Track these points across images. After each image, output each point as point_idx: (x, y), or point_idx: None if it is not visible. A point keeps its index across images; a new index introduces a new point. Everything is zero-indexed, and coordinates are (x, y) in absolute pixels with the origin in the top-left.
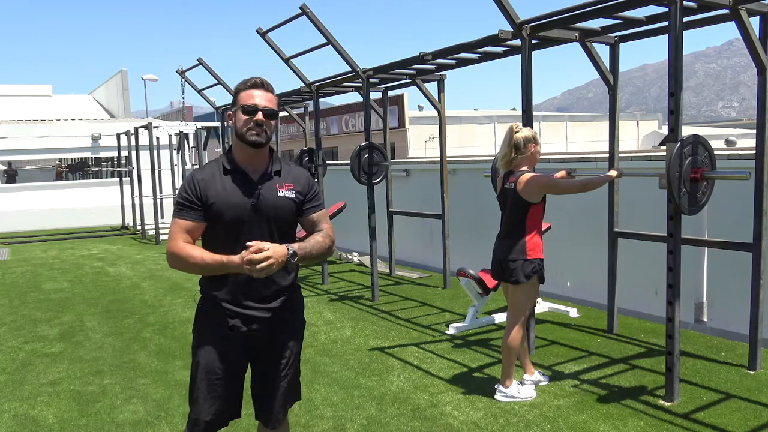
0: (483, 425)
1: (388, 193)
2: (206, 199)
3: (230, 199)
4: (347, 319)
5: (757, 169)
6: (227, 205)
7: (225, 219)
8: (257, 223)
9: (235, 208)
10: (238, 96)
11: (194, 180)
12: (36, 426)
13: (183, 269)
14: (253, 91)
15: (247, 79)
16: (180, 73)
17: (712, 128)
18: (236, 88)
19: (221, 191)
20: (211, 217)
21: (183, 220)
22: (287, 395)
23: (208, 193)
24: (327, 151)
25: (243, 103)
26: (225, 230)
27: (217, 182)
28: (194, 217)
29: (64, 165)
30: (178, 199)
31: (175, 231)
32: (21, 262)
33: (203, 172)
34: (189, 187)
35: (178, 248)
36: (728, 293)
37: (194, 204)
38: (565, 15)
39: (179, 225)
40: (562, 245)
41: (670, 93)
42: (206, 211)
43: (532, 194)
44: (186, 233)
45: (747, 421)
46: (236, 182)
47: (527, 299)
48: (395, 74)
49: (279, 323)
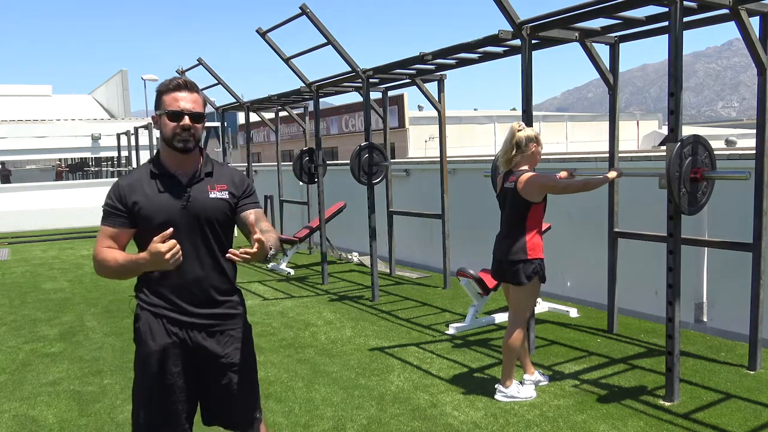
0: (483, 425)
1: (388, 193)
2: (131, 204)
3: (158, 203)
4: (347, 319)
5: (757, 169)
6: (155, 210)
7: (155, 223)
8: (189, 226)
9: (164, 212)
10: (161, 99)
11: (118, 186)
12: (36, 426)
13: (105, 275)
14: (177, 94)
15: (169, 80)
16: (180, 73)
17: (712, 128)
18: (158, 90)
19: (149, 195)
20: (141, 223)
21: (107, 227)
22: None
23: (134, 198)
24: (327, 151)
25: (168, 108)
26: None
27: (144, 187)
28: (118, 224)
29: (64, 165)
30: (103, 206)
31: (99, 237)
32: (21, 262)
33: (128, 177)
34: (113, 193)
35: (96, 252)
36: (728, 293)
37: (118, 210)
38: (565, 15)
39: (102, 231)
40: (562, 245)
41: (670, 93)
42: (132, 217)
43: (533, 194)
44: (110, 239)
45: (747, 421)
46: (164, 186)
47: (528, 299)
48: (395, 74)
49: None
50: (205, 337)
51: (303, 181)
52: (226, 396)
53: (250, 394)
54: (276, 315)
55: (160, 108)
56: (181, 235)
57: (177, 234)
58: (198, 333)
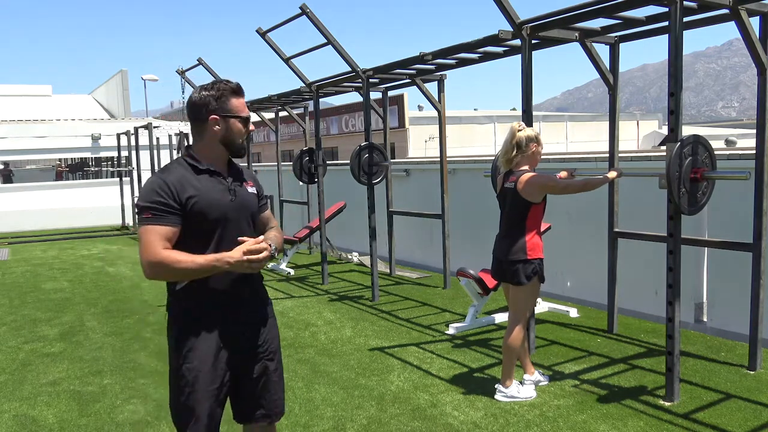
0: (483, 425)
1: (388, 193)
2: (185, 200)
3: (211, 198)
4: (347, 319)
5: (757, 169)
6: (209, 205)
7: (209, 219)
8: (237, 220)
9: (217, 207)
10: (229, 103)
11: (167, 183)
12: (36, 426)
13: (167, 277)
14: (242, 100)
15: (228, 82)
16: (180, 73)
17: (712, 128)
18: (221, 92)
19: (201, 191)
20: (192, 219)
21: (161, 226)
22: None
23: (187, 194)
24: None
25: (239, 113)
26: (207, 231)
27: (194, 182)
28: (174, 222)
29: (64, 165)
30: (152, 205)
31: (153, 239)
32: (21, 262)
33: (170, 173)
34: (162, 190)
35: (162, 256)
36: (728, 293)
37: (171, 208)
38: (565, 15)
39: (157, 232)
40: (562, 245)
41: (670, 93)
42: (184, 213)
43: (533, 194)
44: (166, 240)
45: (747, 421)
46: (212, 181)
47: (528, 299)
48: (395, 74)
49: (261, 318)
50: (253, 330)
51: (303, 181)
52: (267, 385)
53: (282, 382)
54: (276, 315)
55: (224, 110)
56: (230, 229)
57: (227, 228)
58: (247, 328)
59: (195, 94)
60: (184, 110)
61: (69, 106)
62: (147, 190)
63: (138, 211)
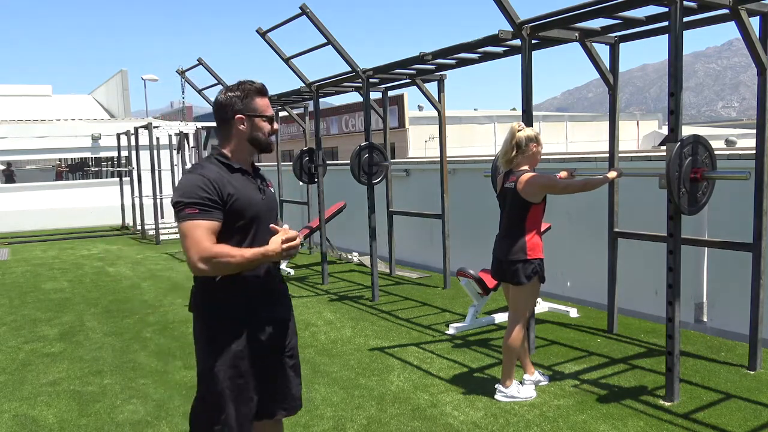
0: (483, 425)
1: (388, 193)
2: (227, 197)
3: (247, 196)
4: (347, 319)
5: (757, 169)
6: (247, 203)
7: (245, 216)
8: (267, 217)
9: (253, 206)
10: (253, 102)
11: (209, 179)
12: (36, 426)
13: (218, 271)
14: (266, 99)
15: (253, 83)
16: (180, 73)
17: (712, 128)
18: (246, 92)
19: (238, 189)
20: (231, 216)
21: (208, 221)
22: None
23: (228, 191)
24: (327, 151)
25: (264, 113)
26: (244, 228)
27: (230, 181)
28: (218, 218)
29: (64, 165)
30: (198, 200)
31: (201, 234)
32: (21, 262)
33: (210, 171)
34: (206, 186)
35: (216, 251)
36: (728, 293)
37: (216, 203)
38: (565, 15)
39: (204, 227)
40: (562, 245)
41: (670, 93)
42: (225, 210)
43: (533, 194)
44: (213, 235)
45: (747, 421)
46: (244, 180)
47: (528, 299)
48: (395, 74)
49: (288, 313)
50: (276, 325)
51: (303, 181)
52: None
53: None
54: None
55: (249, 110)
56: (262, 226)
57: (260, 225)
58: (270, 323)
59: (221, 95)
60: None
61: (69, 106)
62: (189, 186)
63: (181, 207)
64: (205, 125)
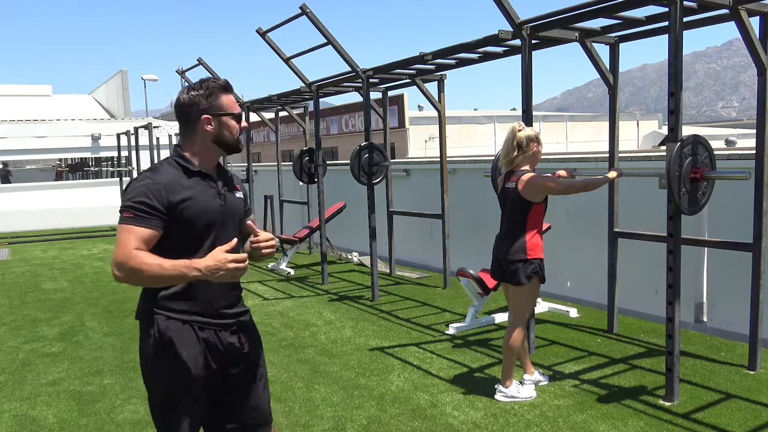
0: (483, 425)
1: (388, 193)
2: (173, 205)
3: (202, 203)
4: (347, 319)
5: (757, 169)
6: (200, 210)
7: (199, 224)
8: (225, 226)
9: (208, 212)
10: (219, 100)
11: (156, 184)
12: (36, 426)
13: (135, 281)
14: (231, 96)
15: (215, 80)
16: (180, 73)
17: (712, 128)
18: (210, 90)
19: (192, 195)
20: (179, 224)
21: (142, 228)
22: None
23: (177, 198)
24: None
25: (231, 111)
26: (197, 236)
27: (184, 186)
28: (155, 226)
29: (64, 165)
30: (137, 205)
31: (127, 239)
32: (21, 262)
33: (162, 175)
34: (149, 192)
35: (126, 256)
36: (728, 293)
37: (155, 210)
38: (565, 15)
39: (135, 233)
40: (562, 245)
41: (670, 93)
42: (170, 218)
43: (534, 194)
44: (142, 242)
45: (747, 421)
46: (203, 185)
47: (528, 300)
48: (395, 74)
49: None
50: (233, 337)
51: (303, 181)
52: (252, 393)
53: (267, 390)
54: (276, 315)
55: (215, 109)
56: (220, 235)
57: (215, 234)
58: (228, 334)
59: (183, 94)
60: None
61: (69, 106)
62: (134, 189)
63: (121, 210)
64: None
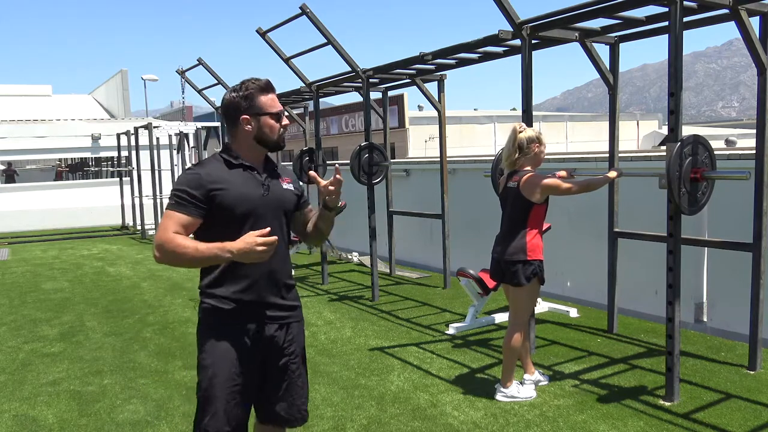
0: (483, 425)
1: (388, 193)
2: (213, 194)
3: (241, 192)
4: (347, 319)
5: (757, 169)
6: (239, 199)
7: (236, 213)
8: (267, 215)
9: (247, 201)
10: (257, 101)
11: (197, 174)
12: (36, 426)
13: (175, 262)
14: (272, 95)
15: (256, 80)
16: (180, 73)
17: (712, 128)
18: (249, 91)
19: (231, 185)
20: (219, 212)
21: (181, 214)
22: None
23: (215, 187)
24: (327, 151)
25: (270, 110)
26: (236, 224)
27: (225, 176)
28: (194, 213)
29: (64, 165)
30: (179, 193)
31: (168, 224)
32: (21, 262)
33: (203, 167)
34: (190, 181)
35: (166, 239)
36: (728, 293)
37: (197, 200)
38: (565, 15)
39: (175, 218)
40: (562, 245)
41: (670, 93)
42: (210, 207)
43: (535, 194)
44: (181, 227)
45: (747, 421)
46: (244, 176)
47: (528, 300)
48: (395, 74)
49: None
50: (277, 329)
51: (303, 181)
52: (289, 388)
53: (306, 387)
54: None
55: (254, 109)
56: (260, 224)
57: (255, 223)
58: (271, 326)
59: (226, 95)
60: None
61: (69, 106)
62: (179, 180)
63: (169, 197)
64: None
